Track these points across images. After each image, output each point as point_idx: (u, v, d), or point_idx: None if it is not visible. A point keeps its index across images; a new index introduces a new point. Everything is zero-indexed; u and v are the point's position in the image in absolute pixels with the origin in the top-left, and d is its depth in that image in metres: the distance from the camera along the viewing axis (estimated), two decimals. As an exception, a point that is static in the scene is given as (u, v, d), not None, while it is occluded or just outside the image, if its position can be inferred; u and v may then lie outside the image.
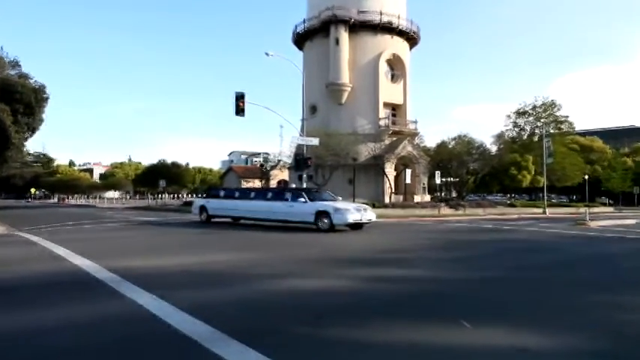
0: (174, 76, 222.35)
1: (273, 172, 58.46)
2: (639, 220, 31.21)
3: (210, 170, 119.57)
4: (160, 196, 62.86)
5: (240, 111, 28.81)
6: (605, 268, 10.81)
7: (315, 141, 32.03)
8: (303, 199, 19.90)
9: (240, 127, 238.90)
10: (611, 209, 58.79)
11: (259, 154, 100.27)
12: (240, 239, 16.11)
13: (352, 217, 18.97)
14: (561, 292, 7.81)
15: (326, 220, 18.81)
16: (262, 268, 9.96)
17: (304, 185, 31.77)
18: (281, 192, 21.80)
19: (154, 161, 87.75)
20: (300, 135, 35.13)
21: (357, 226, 19.69)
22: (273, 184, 58.66)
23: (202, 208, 24.14)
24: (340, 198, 25.59)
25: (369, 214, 19.74)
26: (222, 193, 24.10)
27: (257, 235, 17.52)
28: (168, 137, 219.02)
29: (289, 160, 48.39)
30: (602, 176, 69.23)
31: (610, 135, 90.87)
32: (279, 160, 52.55)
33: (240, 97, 28.69)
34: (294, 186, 36.29)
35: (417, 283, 8.56)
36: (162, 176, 59.13)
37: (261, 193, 22.63)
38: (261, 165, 66.86)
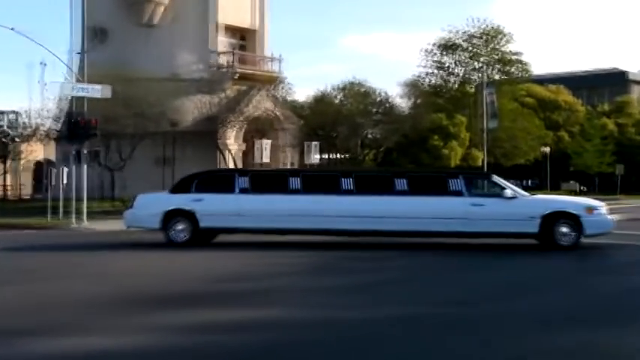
0: None
1: (26, 147, 55.52)
2: (628, 214, 33.16)
3: None
4: None
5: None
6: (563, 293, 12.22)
7: (102, 91, 31.35)
8: (509, 192, 19.23)
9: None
10: (583, 199, 63.45)
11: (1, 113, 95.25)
12: None
13: (613, 220, 19.38)
14: (507, 336, 8.71)
15: (566, 230, 18.52)
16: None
17: (84, 169, 31.28)
18: (435, 177, 21.40)
19: None
20: (77, 80, 34.20)
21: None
22: (27, 167, 56.33)
23: (179, 215, 20.80)
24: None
25: None
26: (242, 182, 21.08)
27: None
28: None
29: (57, 126, 46.68)
30: (571, 149, 75.04)
31: (582, 82, 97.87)
32: (37, 126, 50.11)
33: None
34: (65, 170, 35.10)
35: (275, 329, 8.96)
36: None
37: (368, 179, 21.74)
38: (3, 134, 63.06)
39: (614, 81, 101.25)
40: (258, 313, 10.25)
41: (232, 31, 51.84)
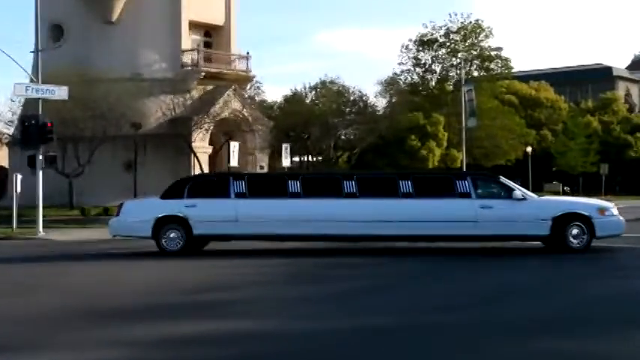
0: None
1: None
2: (625, 216, 34.08)
3: None
4: None
5: None
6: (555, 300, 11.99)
7: (60, 91, 31.05)
8: (518, 193, 19.28)
9: None
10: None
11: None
12: None
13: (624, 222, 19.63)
14: (507, 338, 8.84)
15: (578, 232, 18.65)
16: None
17: (40, 176, 30.59)
18: (442, 179, 21.91)
19: None
20: (33, 81, 33.71)
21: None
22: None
23: (172, 221, 20.48)
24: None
25: None
26: (238, 186, 20.70)
27: None
28: None
29: (10, 130, 46.29)
30: (554, 148, 75.38)
31: (565, 79, 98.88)
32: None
33: None
34: (19, 177, 34.42)
35: (242, 342, 8.93)
36: None
37: (371, 182, 21.47)
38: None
39: (598, 77, 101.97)
40: (231, 324, 10.10)
41: (198, 26, 51.48)
